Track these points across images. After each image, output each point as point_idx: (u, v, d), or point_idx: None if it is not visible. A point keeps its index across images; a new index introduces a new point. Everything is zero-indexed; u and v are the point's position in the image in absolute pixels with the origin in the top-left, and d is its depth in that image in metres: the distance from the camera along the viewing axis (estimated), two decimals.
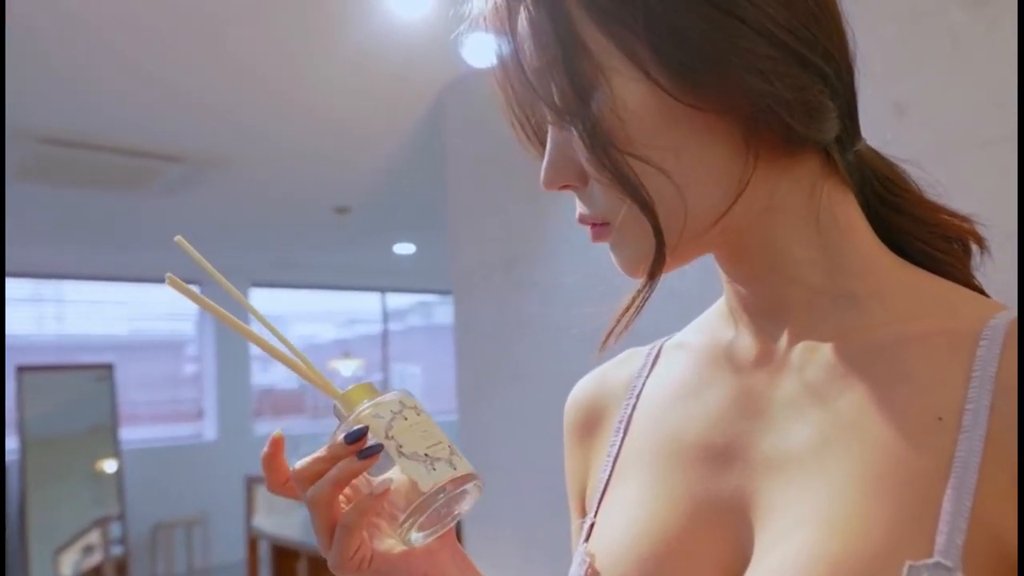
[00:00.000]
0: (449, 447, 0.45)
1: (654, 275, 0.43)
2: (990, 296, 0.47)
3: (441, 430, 0.46)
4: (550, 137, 0.45)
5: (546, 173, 0.45)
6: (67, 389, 4.97)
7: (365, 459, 0.44)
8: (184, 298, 0.49)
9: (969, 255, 0.49)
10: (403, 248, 5.51)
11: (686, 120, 0.41)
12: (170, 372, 6.13)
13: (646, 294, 0.46)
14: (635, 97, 0.40)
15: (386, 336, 6.97)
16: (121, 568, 4.74)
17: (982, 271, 0.49)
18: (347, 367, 4.73)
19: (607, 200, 0.43)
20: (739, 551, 0.42)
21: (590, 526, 0.50)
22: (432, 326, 7.64)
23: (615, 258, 0.46)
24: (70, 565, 4.58)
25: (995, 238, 0.50)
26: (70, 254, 5.11)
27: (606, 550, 0.46)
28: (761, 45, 0.39)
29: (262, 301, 6.10)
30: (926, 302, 0.44)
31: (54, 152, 3.04)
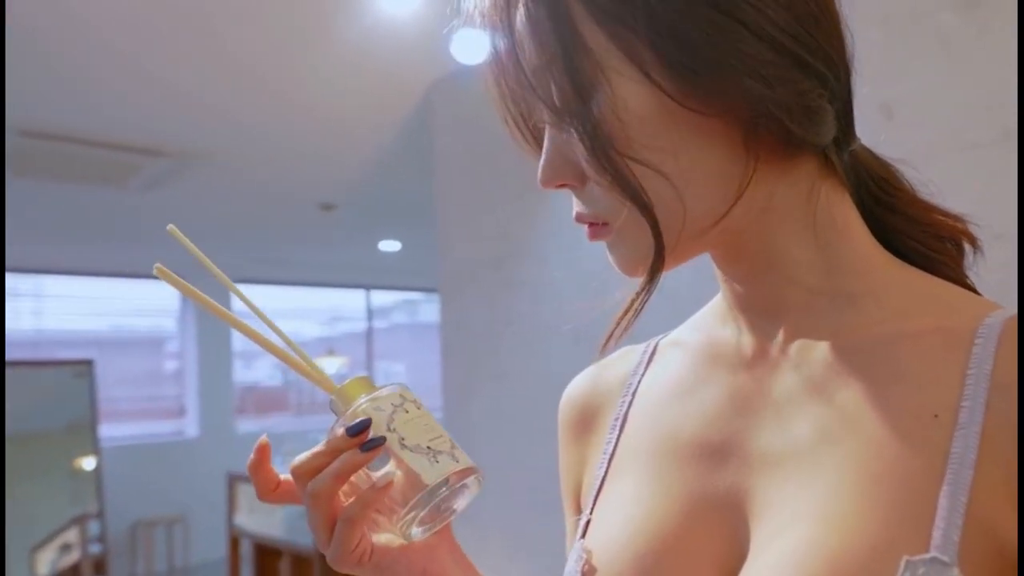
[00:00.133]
0: (450, 441, 0.46)
1: (653, 277, 0.43)
2: (982, 295, 0.48)
3: (439, 424, 0.47)
4: (547, 136, 0.45)
5: (543, 172, 0.45)
6: (45, 385, 4.90)
7: (368, 452, 0.44)
8: (175, 290, 0.48)
9: (962, 254, 0.49)
10: (388, 245, 5.49)
11: (686, 122, 0.41)
12: (151, 368, 6.07)
13: (645, 296, 0.46)
14: (636, 99, 0.40)
15: (370, 334, 6.95)
16: (99, 567, 4.69)
17: (975, 271, 0.50)
18: (331, 364, 4.71)
19: (606, 201, 0.43)
20: (735, 547, 0.42)
21: (586, 523, 0.50)
22: (417, 324, 7.63)
23: (613, 258, 0.46)
24: (47, 564, 4.52)
25: (984, 239, 0.50)
26: (49, 248, 5.04)
27: (603, 547, 0.47)
28: (763, 50, 0.39)
29: (248, 297, 6.02)
30: (921, 300, 0.44)
31: (34, 145, 2.99)
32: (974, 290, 0.49)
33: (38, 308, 5.50)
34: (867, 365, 0.42)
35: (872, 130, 0.49)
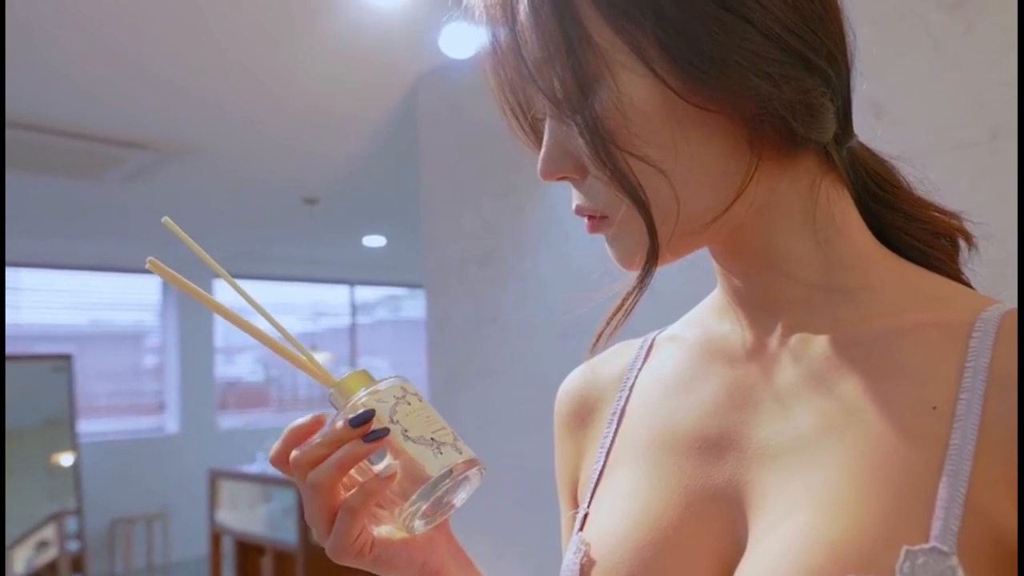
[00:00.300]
0: (452, 433, 0.46)
1: (647, 274, 0.44)
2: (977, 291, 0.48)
3: (440, 416, 0.47)
4: (548, 128, 0.45)
5: (543, 164, 0.45)
6: (23, 380, 4.83)
7: (371, 443, 0.44)
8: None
9: (957, 251, 0.50)
10: (373, 241, 5.46)
11: (689, 119, 0.41)
12: (131, 363, 6.01)
13: (638, 294, 0.46)
14: (640, 94, 0.40)
15: (354, 329, 6.92)
16: (77, 564, 4.64)
17: (970, 267, 0.50)
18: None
19: (606, 194, 0.43)
20: (734, 539, 0.43)
21: (584, 516, 0.50)
22: (400, 320, 7.61)
23: (612, 251, 0.46)
24: (23, 561, 4.46)
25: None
26: (26, 241, 4.97)
27: (602, 539, 0.47)
28: (769, 48, 0.40)
29: (227, 293, 5.99)
30: (918, 295, 0.45)
31: (11, 136, 2.94)
32: (969, 286, 0.49)
33: (15, 302, 5.42)
34: (866, 359, 0.43)
35: (860, 129, 0.49)
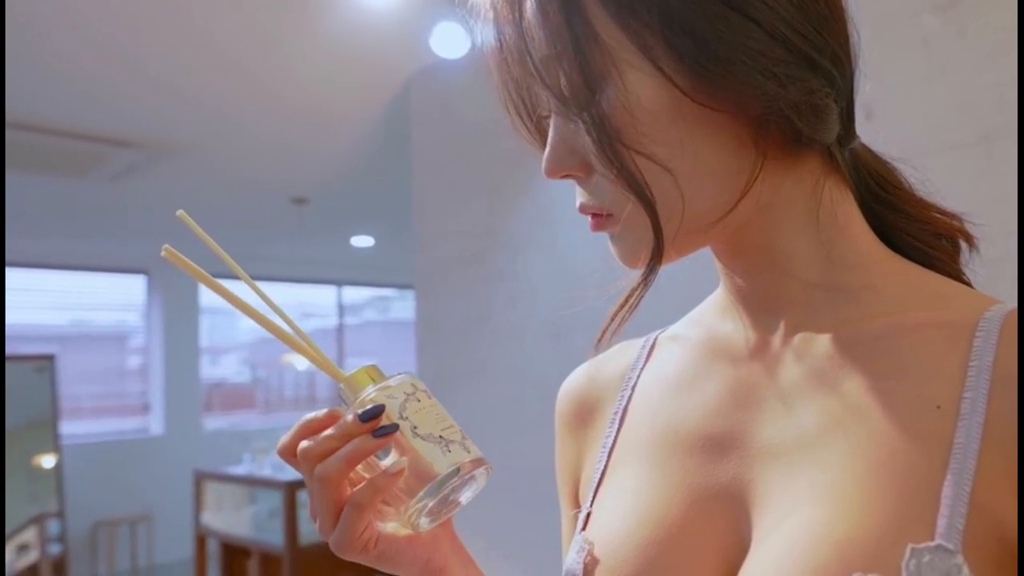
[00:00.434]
0: (460, 431, 0.46)
1: (651, 272, 0.44)
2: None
3: (449, 415, 0.47)
4: (553, 126, 0.45)
5: (548, 162, 0.45)
6: (4, 381, 4.77)
7: (380, 438, 0.44)
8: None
9: (958, 251, 0.50)
10: (361, 241, 5.44)
11: (694, 118, 0.41)
12: (114, 364, 5.95)
13: (641, 293, 0.46)
14: (647, 92, 0.40)
15: (341, 330, 6.89)
16: (59, 567, 4.58)
17: (970, 267, 0.50)
18: (301, 361, 4.64)
19: (612, 192, 0.43)
20: (738, 538, 0.43)
21: (586, 515, 0.50)
22: (388, 321, 7.58)
23: (615, 249, 0.46)
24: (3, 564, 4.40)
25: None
26: (8, 240, 4.90)
27: (605, 538, 0.47)
28: (775, 48, 0.40)
29: (214, 294, 5.93)
30: (921, 295, 0.45)
31: None
32: (970, 286, 0.49)
33: None
34: (869, 358, 0.43)
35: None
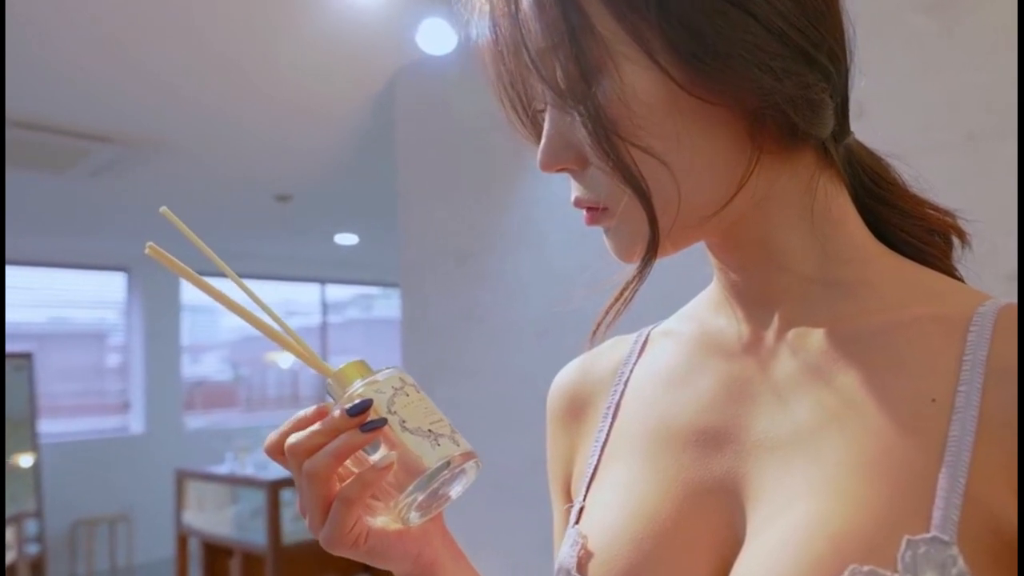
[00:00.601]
0: (449, 425, 0.46)
1: (646, 265, 0.44)
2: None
3: (438, 409, 0.46)
4: (549, 119, 0.45)
5: (544, 155, 0.45)
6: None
7: (368, 432, 0.44)
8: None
9: (951, 247, 0.50)
10: (345, 239, 5.41)
11: (691, 111, 0.41)
12: (93, 362, 5.87)
13: (636, 286, 0.46)
14: (643, 85, 0.40)
15: (325, 329, 6.85)
16: (37, 567, 4.52)
17: (964, 263, 0.51)
18: (286, 359, 4.61)
19: (608, 186, 0.43)
20: (732, 532, 0.43)
21: (579, 510, 0.50)
22: (372, 319, 7.55)
23: (610, 243, 0.46)
24: None
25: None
26: None
27: (599, 532, 0.47)
28: (771, 42, 0.40)
29: (196, 291, 5.87)
30: (916, 290, 0.45)
31: None
32: (962, 282, 0.50)
33: None
34: (864, 352, 0.43)
35: None
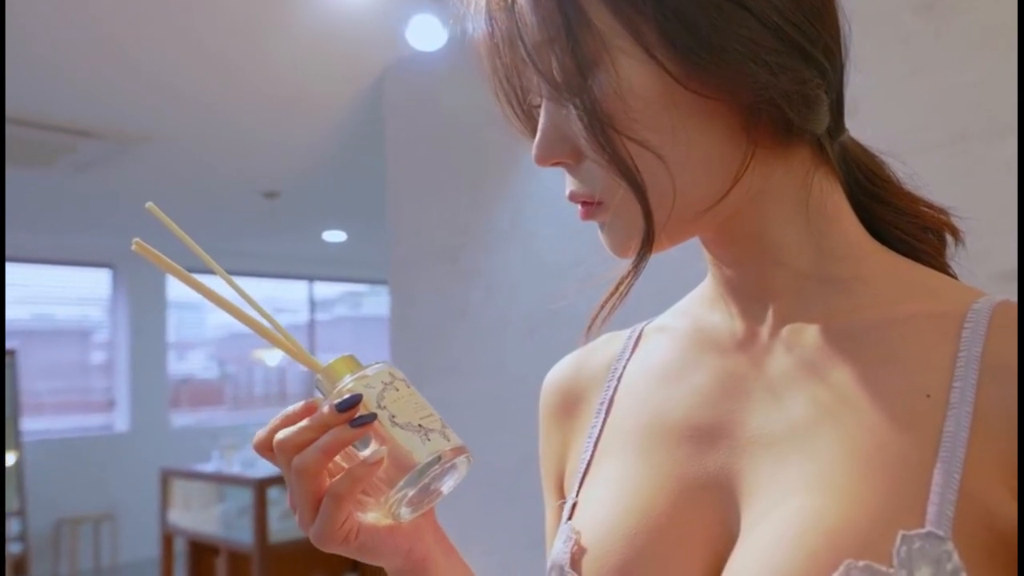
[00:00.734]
0: (440, 420, 0.45)
1: (641, 260, 0.43)
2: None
3: (428, 404, 0.46)
4: (544, 112, 0.44)
5: (539, 149, 0.45)
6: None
7: (358, 427, 0.43)
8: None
9: (945, 245, 0.51)
10: (333, 236, 5.39)
11: (687, 105, 0.41)
12: (77, 359, 5.82)
13: (632, 278, 0.46)
14: (639, 79, 0.40)
15: (312, 326, 6.82)
16: (20, 567, 4.48)
17: (958, 261, 0.51)
18: (273, 357, 4.59)
19: (603, 179, 0.43)
20: (726, 528, 0.43)
21: (572, 505, 0.50)
22: (360, 317, 7.52)
23: (605, 238, 0.45)
24: None
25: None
26: None
27: (592, 528, 0.46)
28: (767, 37, 0.40)
29: (183, 287, 5.84)
30: (910, 287, 0.45)
31: None
32: (956, 279, 0.50)
33: None
34: (859, 348, 0.43)
35: None
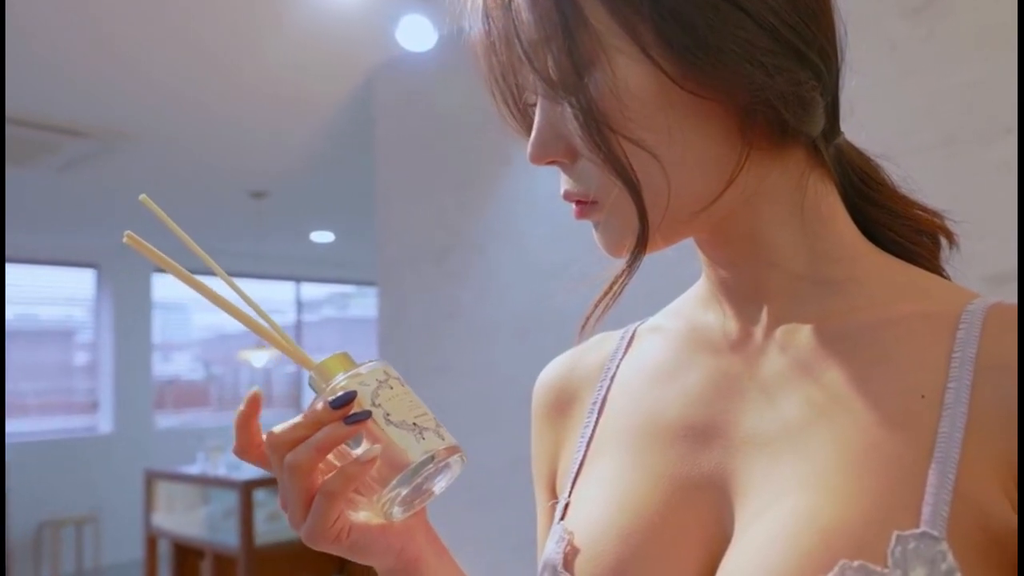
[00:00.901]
0: (434, 419, 0.45)
1: (635, 259, 0.43)
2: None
3: (422, 402, 0.46)
4: (540, 110, 0.44)
5: (534, 147, 0.45)
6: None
7: (352, 425, 0.43)
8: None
9: (939, 248, 0.51)
10: (321, 236, 5.37)
11: (683, 106, 0.41)
12: (60, 360, 5.76)
13: (626, 278, 0.46)
14: (635, 78, 0.40)
15: (299, 327, 6.78)
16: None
17: (952, 264, 0.51)
18: (259, 358, 4.56)
19: (598, 178, 0.43)
20: (721, 528, 0.43)
21: (565, 505, 0.50)
22: (347, 318, 7.49)
23: (599, 237, 0.45)
24: None
25: None
26: None
27: (585, 528, 0.46)
28: (763, 38, 0.40)
29: (168, 288, 5.80)
30: (904, 288, 0.46)
31: None
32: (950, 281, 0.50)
33: None
34: (852, 349, 0.43)
35: None
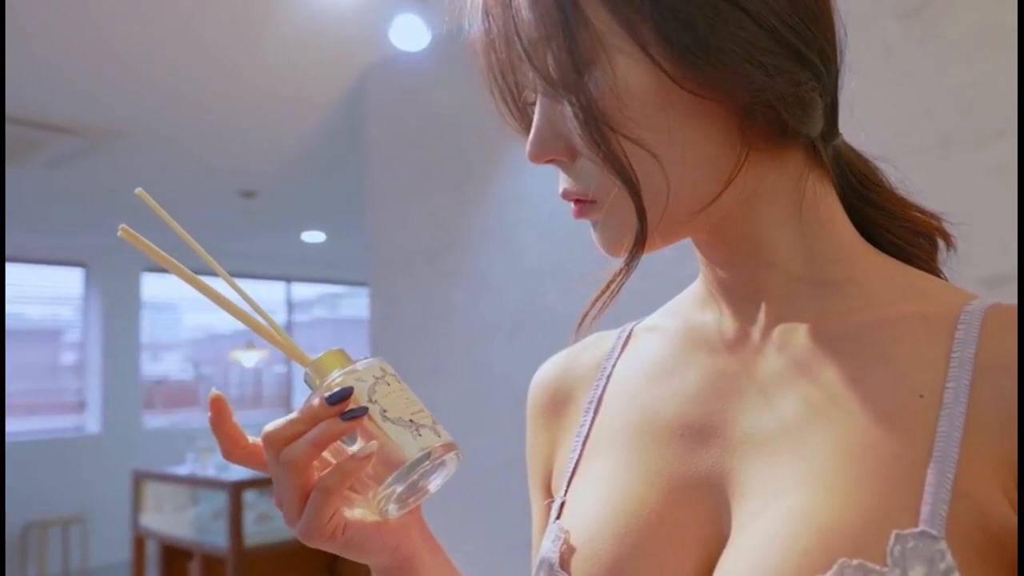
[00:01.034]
0: (430, 416, 0.45)
1: (633, 258, 0.43)
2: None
3: (419, 399, 0.46)
4: (539, 109, 0.44)
5: (533, 146, 0.45)
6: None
7: (349, 421, 0.43)
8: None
9: (936, 250, 0.51)
10: (312, 236, 5.35)
11: (682, 105, 0.41)
12: (47, 360, 5.71)
13: (624, 277, 0.46)
14: (635, 78, 0.40)
15: (290, 328, 6.76)
16: None
17: (950, 266, 0.52)
18: (249, 358, 4.53)
19: (597, 178, 0.43)
20: (718, 527, 0.43)
21: (560, 505, 0.50)
22: (338, 318, 7.47)
23: (598, 237, 0.45)
24: None
25: None
26: None
27: (582, 527, 0.46)
28: (763, 38, 0.40)
29: (158, 287, 5.77)
30: (902, 289, 0.46)
31: None
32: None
33: None
34: (850, 349, 0.43)
35: None
